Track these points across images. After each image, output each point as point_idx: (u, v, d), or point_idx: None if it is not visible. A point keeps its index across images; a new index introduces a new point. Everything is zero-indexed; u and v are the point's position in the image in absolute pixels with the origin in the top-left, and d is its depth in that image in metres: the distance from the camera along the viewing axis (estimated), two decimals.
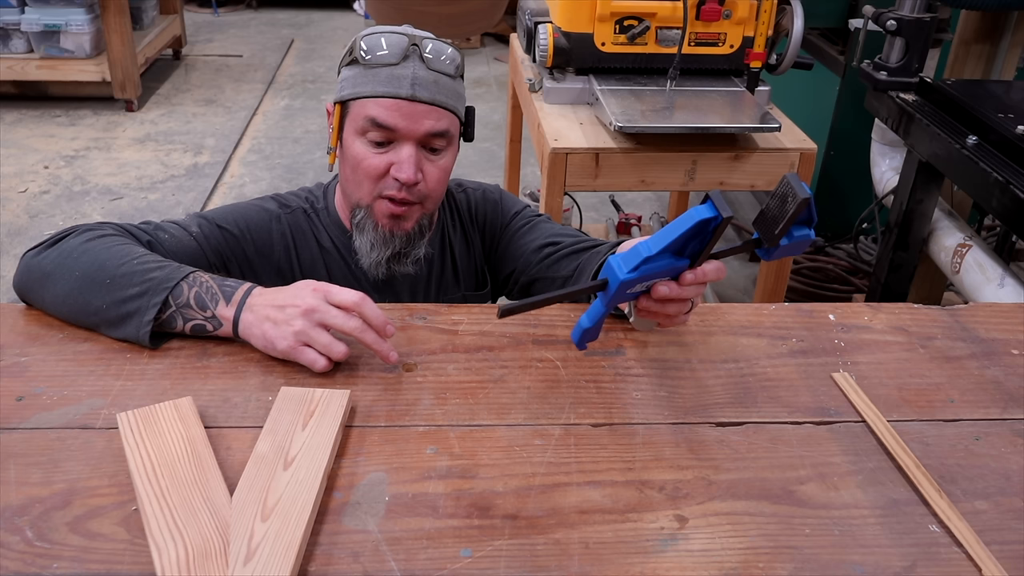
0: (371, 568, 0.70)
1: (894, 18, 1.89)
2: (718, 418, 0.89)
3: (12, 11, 3.96)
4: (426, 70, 1.11)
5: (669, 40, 1.93)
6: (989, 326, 1.07)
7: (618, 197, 3.33)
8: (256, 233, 1.18)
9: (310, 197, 1.25)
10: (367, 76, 1.11)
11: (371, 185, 1.13)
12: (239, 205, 1.22)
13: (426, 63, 1.11)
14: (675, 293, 0.85)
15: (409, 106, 1.10)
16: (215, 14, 6.10)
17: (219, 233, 1.15)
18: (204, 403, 0.87)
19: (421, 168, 1.12)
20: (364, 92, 1.11)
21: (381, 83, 1.10)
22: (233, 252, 1.15)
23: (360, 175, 1.13)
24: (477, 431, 0.86)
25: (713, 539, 0.74)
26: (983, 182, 1.61)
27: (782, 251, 0.87)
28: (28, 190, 3.45)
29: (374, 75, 1.11)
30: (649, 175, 1.87)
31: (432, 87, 1.11)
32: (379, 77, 1.10)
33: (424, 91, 1.10)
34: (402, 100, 1.09)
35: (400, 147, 1.11)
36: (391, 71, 1.10)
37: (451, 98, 1.14)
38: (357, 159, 1.13)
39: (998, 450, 0.87)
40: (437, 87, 1.11)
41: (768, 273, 2.07)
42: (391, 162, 1.11)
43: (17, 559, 0.69)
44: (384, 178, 1.12)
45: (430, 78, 1.11)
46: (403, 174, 1.10)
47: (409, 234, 1.16)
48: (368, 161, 1.12)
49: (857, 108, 2.46)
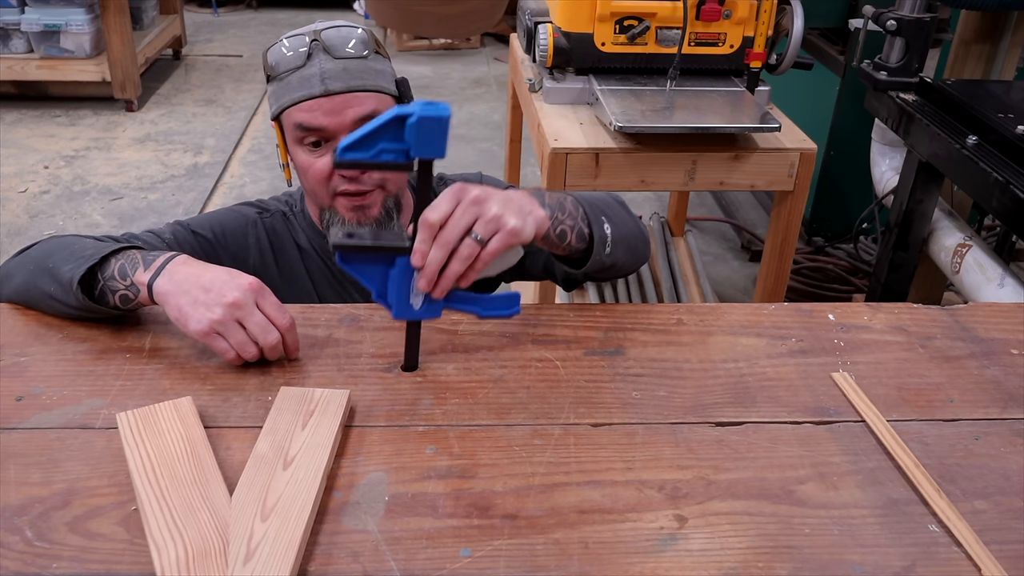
0: (371, 568, 0.70)
1: (894, 18, 1.89)
2: (717, 418, 0.89)
3: (12, 11, 3.96)
4: (332, 61, 1.11)
5: (669, 40, 1.93)
6: (989, 326, 1.07)
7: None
8: (231, 238, 1.21)
9: (289, 200, 1.28)
10: (282, 87, 1.13)
11: (323, 188, 1.15)
12: (218, 211, 1.25)
13: (331, 53, 1.11)
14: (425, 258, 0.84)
15: (327, 101, 1.10)
16: (215, 14, 6.10)
17: (193, 239, 1.18)
18: (204, 403, 0.87)
19: None
20: (284, 103, 1.13)
21: (294, 88, 1.11)
22: (208, 257, 1.16)
23: (311, 181, 1.15)
24: (477, 431, 0.86)
25: (712, 539, 0.74)
26: (983, 182, 1.61)
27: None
28: (28, 190, 3.45)
29: (287, 84, 1.12)
30: (649, 175, 1.87)
31: (343, 75, 1.11)
32: (292, 84, 1.12)
33: (336, 82, 1.10)
34: (318, 98, 1.10)
35: (335, 144, 1.11)
36: (299, 74, 1.11)
37: (368, 79, 1.13)
38: (303, 168, 1.15)
39: (998, 450, 0.87)
40: (348, 74, 1.11)
41: (768, 273, 2.07)
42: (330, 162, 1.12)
43: (17, 559, 0.69)
44: (332, 178, 1.13)
45: (338, 67, 1.11)
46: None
47: (378, 219, 1.17)
48: (313, 167, 1.14)
49: (857, 108, 2.46)
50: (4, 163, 3.64)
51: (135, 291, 0.93)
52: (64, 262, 0.96)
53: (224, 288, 0.89)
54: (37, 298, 0.99)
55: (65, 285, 0.94)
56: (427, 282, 0.85)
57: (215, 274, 0.91)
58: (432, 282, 0.85)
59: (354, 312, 1.04)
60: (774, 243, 2.02)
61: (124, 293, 0.94)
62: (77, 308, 0.95)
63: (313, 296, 1.24)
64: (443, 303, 0.89)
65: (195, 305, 0.89)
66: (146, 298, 0.93)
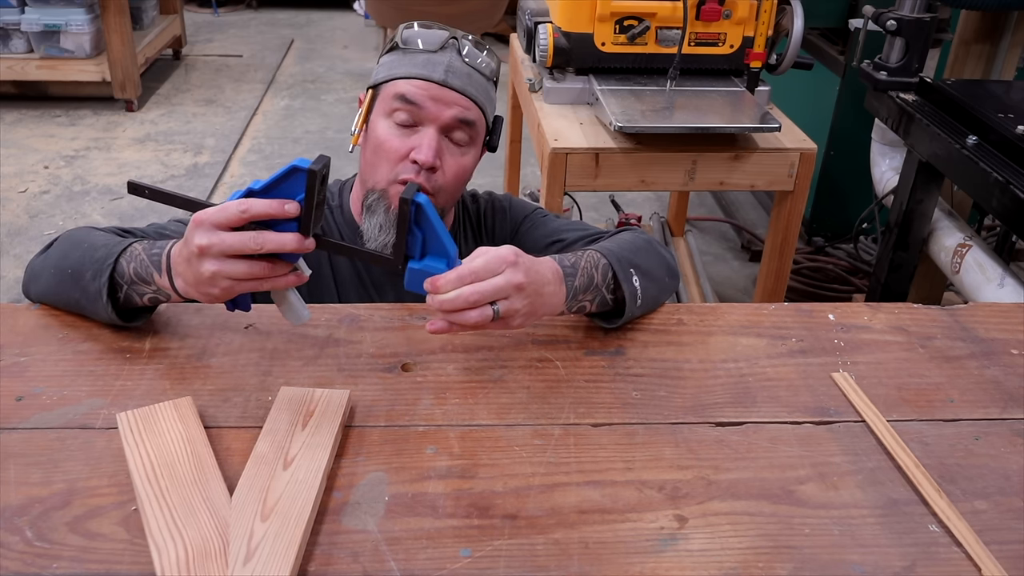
0: (371, 568, 0.70)
1: (894, 18, 1.89)
2: (717, 418, 0.89)
3: (12, 11, 3.96)
4: (462, 62, 1.12)
5: (669, 40, 1.93)
6: (989, 326, 1.07)
7: (618, 197, 3.33)
8: None
9: (329, 193, 1.25)
10: (404, 59, 1.13)
11: (389, 168, 1.12)
12: None
13: (463, 56, 1.13)
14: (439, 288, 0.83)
15: (439, 89, 1.10)
16: (215, 14, 6.10)
17: None
18: (204, 403, 0.87)
19: (441, 156, 1.11)
20: (398, 73, 1.13)
21: (416, 66, 1.12)
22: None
23: (380, 156, 1.12)
24: (477, 431, 0.86)
25: (712, 539, 0.74)
26: (983, 182, 1.61)
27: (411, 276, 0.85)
28: (28, 190, 3.45)
29: (411, 59, 1.12)
30: (649, 175, 1.87)
31: (465, 78, 1.12)
32: (415, 60, 1.12)
33: (457, 79, 1.11)
34: (434, 83, 1.10)
35: (423, 131, 1.11)
36: (428, 56, 1.12)
37: (482, 94, 1.14)
38: (379, 139, 1.12)
39: (998, 450, 0.87)
40: (470, 79, 1.13)
41: (768, 273, 2.07)
42: (412, 146, 1.11)
43: (17, 559, 0.69)
44: (403, 161, 1.11)
45: (465, 70, 1.12)
46: (422, 155, 1.09)
47: None
48: (390, 143, 1.11)
49: (857, 108, 2.46)
50: (4, 163, 3.64)
51: (165, 295, 0.93)
52: (81, 265, 0.95)
53: (187, 247, 0.84)
54: (66, 304, 0.99)
55: (92, 297, 0.93)
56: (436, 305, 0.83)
57: (182, 241, 0.87)
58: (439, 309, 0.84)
59: (354, 312, 1.04)
60: (774, 243, 2.03)
61: (154, 296, 0.93)
62: (108, 319, 0.95)
63: (334, 297, 1.21)
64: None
65: (197, 284, 0.85)
66: (178, 298, 0.92)
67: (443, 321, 0.84)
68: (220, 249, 0.81)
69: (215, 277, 0.83)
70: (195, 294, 0.87)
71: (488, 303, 0.83)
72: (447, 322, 0.84)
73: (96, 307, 0.94)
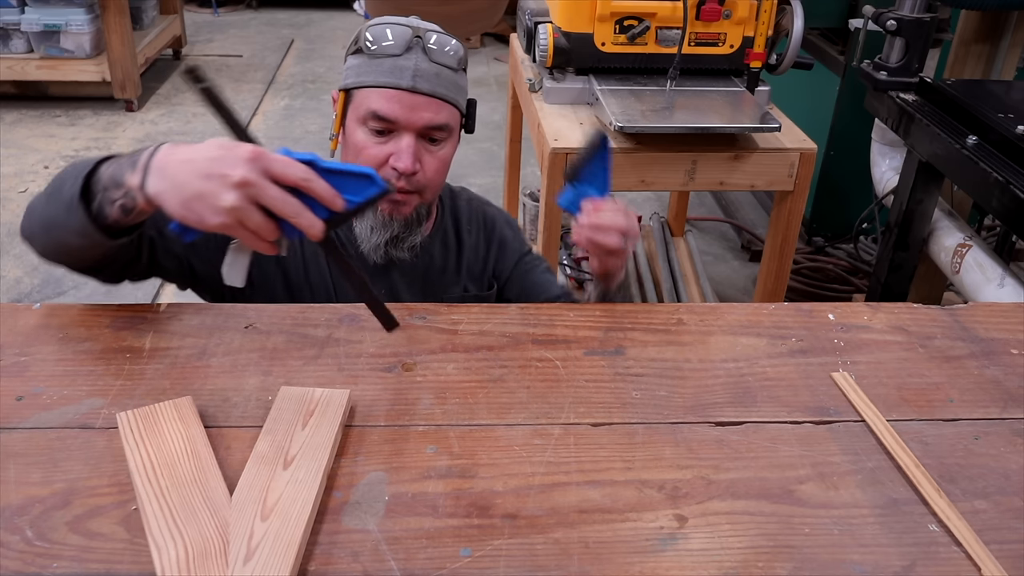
0: (371, 568, 0.70)
1: (894, 18, 1.89)
2: (717, 418, 0.89)
3: (12, 11, 3.96)
4: (428, 62, 1.13)
5: (669, 40, 1.93)
6: (989, 326, 1.07)
7: (618, 197, 3.32)
8: None
9: None
10: (371, 66, 1.14)
11: None
12: None
13: (429, 55, 1.13)
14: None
15: (409, 97, 1.12)
16: (215, 14, 6.10)
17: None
18: (204, 403, 0.87)
19: (420, 159, 1.14)
20: (367, 81, 1.14)
21: (384, 73, 1.12)
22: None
23: (360, 163, 1.14)
24: (477, 431, 0.86)
25: (712, 538, 0.74)
26: (983, 182, 1.61)
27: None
28: (28, 190, 3.45)
29: (377, 65, 1.13)
30: (649, 175, 1.87)
31: (433, 79, 1.13)
32: (382, 67, 1.13)
33: (425, 83, 1.12)
34: (403, 91, 1.11)
35: (400, 137, 1.13)
36: (394, 61, 1.12)
37: (451, 91, 1.16)
38: (358, 148, 1.15)
39: (998, 450, 0.87)
40: (438, 79, 1.13)
41: (768, 273, 2.07)
42: (390, 152, 1.13)
43: (17, 559, 0.69)
44: (383, 167, 1.14)
45: (432, 70, 1.13)
46: (401, 163, 1.12)
47: (407, 219, 1.18)
48: (368, 151, 1.14)
49: (857, 108, 2.46)
50: (4, 163, 3.64)
51: (131, 198, 0.85)
52: (63, 181, 0.91)
53: (223, 168, 0.77)
54: (50, 228, 0.93)
55: (68, 205, 0.87)
56: (593, 220, 1.04)
57: (208, 152, 0.79)
58: (594, 225, 1.03)
59: (354, 312, 1.04)
60: (774, 243, 2.03)
61: (122, 202, 0.86)
62: (79, 232, 0.89)
63: (328, 282, 1.22)
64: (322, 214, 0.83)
65: (201, 198, 0.78)
66: (144, 203, 0.84)
67: (589, 235, 1.03)
68: (257, 193, 0.77)
69: (229, 211, 0.77)
70: (175, 204, 0.79)
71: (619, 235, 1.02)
72: (590, 239, 1.03)
73: (71, 218, 0.88)
